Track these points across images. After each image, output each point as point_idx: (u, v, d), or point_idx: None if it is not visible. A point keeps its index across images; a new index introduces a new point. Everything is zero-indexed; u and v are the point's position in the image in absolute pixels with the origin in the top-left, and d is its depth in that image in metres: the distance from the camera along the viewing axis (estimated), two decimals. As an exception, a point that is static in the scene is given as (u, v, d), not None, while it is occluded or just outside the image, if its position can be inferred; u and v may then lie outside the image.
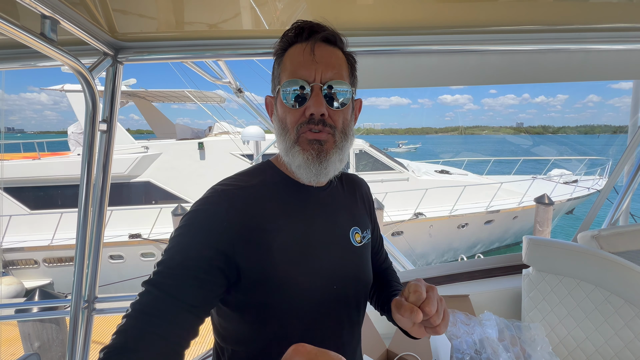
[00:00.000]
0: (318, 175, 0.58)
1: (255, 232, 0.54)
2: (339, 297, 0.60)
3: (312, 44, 0.57)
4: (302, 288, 0.56)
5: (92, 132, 1.15)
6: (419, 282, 0.53)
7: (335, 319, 0.61)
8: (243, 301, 0.55)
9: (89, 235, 1.27)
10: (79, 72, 1.00)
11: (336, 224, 0.64)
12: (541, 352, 1.22)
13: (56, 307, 1.78)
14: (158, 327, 0.45)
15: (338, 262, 0.61)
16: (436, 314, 0.51)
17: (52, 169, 6.69)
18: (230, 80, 1.68)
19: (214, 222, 0.52)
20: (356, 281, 0.64)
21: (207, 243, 0.51)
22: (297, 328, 0.57)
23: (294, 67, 0.57)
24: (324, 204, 0.64)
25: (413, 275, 1.67)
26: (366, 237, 0.69)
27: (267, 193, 0.59)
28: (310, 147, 0.56)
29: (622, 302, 1.19)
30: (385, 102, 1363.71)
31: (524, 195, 7.79)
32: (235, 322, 0.57)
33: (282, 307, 0.55)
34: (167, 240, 4.99)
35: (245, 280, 0.53)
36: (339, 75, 0.58)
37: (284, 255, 0.55)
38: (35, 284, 6.08)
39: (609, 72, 1.37)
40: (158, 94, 8.83)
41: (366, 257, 0.69)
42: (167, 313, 0.46)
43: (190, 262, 0.49)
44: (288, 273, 0.55)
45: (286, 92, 0.57)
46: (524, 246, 1.41)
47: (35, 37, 0.81)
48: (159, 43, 1.17)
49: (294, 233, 0.58)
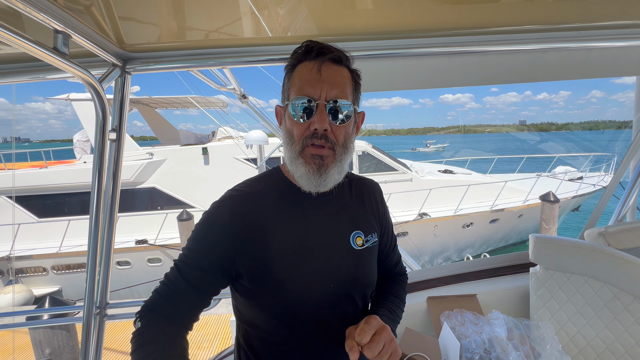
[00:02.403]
0: (317, 187, 0.64)
1: (255, 234, 0.62)
2: (335, 296, 0.64)
3: (319, 63, 0.62)
4: (297, 286, 0.61)
5: (102, 141, 1.17)
6: (368, 324, 0.57)
7: (331, 317, 0.65)
8: (247, 292, 0.63)
9: (100, 242, 1.29)
10: (89, 84, 1.03)
11: (336, 228, 0.68)
12: (551, 350, 1.22)
13: (67, 314, 1.80)
14: (173, 297, 0.62)
15: (336, 263, 0.65)
16: (377, 357, 0.56)
17: (59, 177, 6.78)
18: (235, 87, 1.70)
19: (218, 226, 0.62)
20: (354, 282, 0.68)
21: (211, 244, 0.62)
22: (294, 322, 0.62)
23: (302, 84, 0.62)
24: (325, 208, 0.69)
25: (420, 275, 1.67)
26: (370, 240, 0.72)
27: (270, 198, 0.66)
28: (312, 161, 0.62)
29: (631, 298, 1.18)
30: (386, 103, 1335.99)
31: (529, 193, 7.73)
32: (245, 307, 0.66)
33: (278, 303, 0.62)
34: (173, 245, 5.07)
35: (245, 276, 0.61)
36: (343, 93, 0.63)
37: (281, 256, 0.61)
38: (44, 291, 6.14)
39: (610, 69, 1.37)
40: (161, 100, 8.92)
41: (368, 259, 0.71)
42: (181, 290, 0.62)
43: (195, 258, 0.62)
44: (283, 272, 0.61)
45: (294, 106, 0.62)
46: (530, 244, 1.41)
47: (49, 52, 0.83)
48: (165, 53, 1.20)
49: (292, 235, 0.63)
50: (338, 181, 0.67)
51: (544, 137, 77.47)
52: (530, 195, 7.70)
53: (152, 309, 0.62)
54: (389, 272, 0.86)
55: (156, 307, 0.62)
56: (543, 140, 55.68)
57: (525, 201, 7.70)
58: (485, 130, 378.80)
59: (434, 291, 1.59)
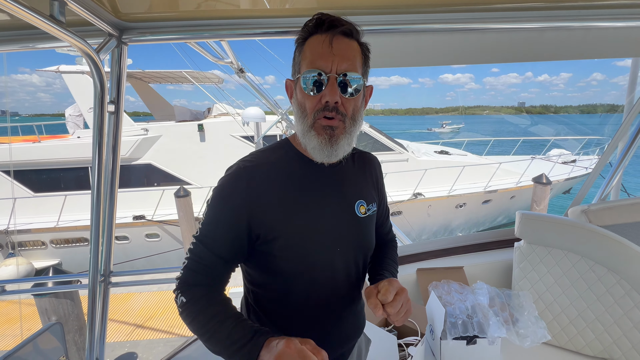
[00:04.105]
0: (329, 157, 0.67)
1: (269, 201, 0.65)
2: (341, 259, 0.70)
3: (330, 36, 0.63)
4: (307, 250, 0.66)
5: (102, 113, 1.18)
6: (391, 284, 0.64)
7: (338, 278, 0.71)
8: (262, 255, 0.67)
9: (102, 213, 1.33)
10: (86, 54, 1.02)
11: (343, 197, 0.73)
12: (528, 316, 1.31)
13: (71, 282, 1.88)
14: (205, 271, 0.66)
15: (343, 229, 0.70)
16: (396, 313, 0.62)
17: (54, 152, 6.71)
18: (232, 60, 1.69)
19: (236, 195, 0.65)
20: (358, 247, 0.73)
21: (230, 215, 0.65)
22: (303, 281, 0.68)
23: (313, 57, 0.64)
24: (333, 179, 0.73)
25: (411, 249, 1.75)
26: (371, 209, 0.77)
27: (281, 168, 0.69)
28: (324, 132, 0.65)
29: (605, 270, 1.27)
30: (385, 81, 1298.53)
31: (522, 175, 7.85)
32: (258, 271, 0.71)
33: (290, 264, 0.66)
34: (171, 221, 5.11)
35: (261, 240, 0.65)
36: (353, 66, 0.64)
37: (293, 221, 0.66)
38: (45, 264, 6.26)
39: (608, 50, 1.38)
40: (155, 74, 8.67)
41: (369, 227, 0.76)
42: (211, 263, 0.66)
43: (216, 231, 0.66)
44: (295, 236, 0.65)
45: (306, 79, 0.64)
46: (516, 220, 1.49)
47: (45, 19, 0.82)
48: (161, 23, 1.18)
49: (303, 202, 0.67)
50: (347, 152, 0.70)
51: (539, 119, 77.23)
52: (524, 177, 7.83)
53: (190, 283, 0.66)
54: (384, 238, 0.92)
55: (193, 281, 0.66)
56: (538, 123, 55.52)
57: (518, 183, 7.84)
58: (484, 112, 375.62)
59: (423, 264, 1.68)
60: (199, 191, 6.58)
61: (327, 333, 0.72)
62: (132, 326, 4.19)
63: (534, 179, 7.36)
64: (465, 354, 1.28)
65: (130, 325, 4.22)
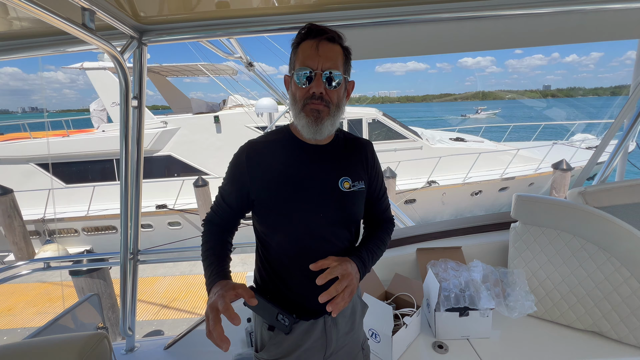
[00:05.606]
0: (315, 134, 0.83)
1: (265, 170, 0.84)
2: (323, 223, 0.85)
3: (317, 42, 0.80)
4: (294, 210, 0.83)
5: (127, 108, 1.32)
6: (340, 265, 0.79)
7: (318, 238, 0.86)
8: (260, 213, 0.87)
9: (130, 200, 1.50)
10: (113, 56, 1.16)
11: (327, 172, 0.88)
12: (519, 291, 1.39)
13: (104, 259, 2.11)
14: (220, 214, 0.92)
15: (326, 198, 0.85)
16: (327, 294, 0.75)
17: (82, 146, 7.15)
18: (241, 55, 1.80)
19: (238, 166, 0.86)
20: (339, 216, 0.87)
21: (236, 178, 0.87)
22: (294, 236, 0.84)
23: (304, 58, 0.81)
24: (321, 157, 0.89)
25: (412, 231, 1.84)
26: (357, 186, 0.90)
27: (279, 146, 0.88)
28: (311, 114, 0.81)
29: (596, 248, 1.32)
30: (401, 67, 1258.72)
31: (542, 162, 7.62)
32: (257, 227, 0.91)
33: (282, 222, 0.84)
34: (191, 210, 5.39)
35: (258, 200, 0.85)
36: (335, 65, 0.81)
37: (283, 186, 0.83)
38: (78, 249, 6.77)
39: (607, 33, 1.39)
40: (172, 68, 8.93)
41: (353, 200, 0.89)
42: (224, 210, 0.91)
43: (228, 188, 0.90)
44: (284, 198, 0.83)
45: (298, 75, 0.81)
46: (512, 203, 1.54)
47: (78, 27, 0.96)
48: (177, 25, 1.30)
49: (293, 173, 0.85)
50: (331, 132, 0.86)
51: (562, 103, 72.42)
52: (544, 164, 7.60)
53: (210, 220, 0.93)
54: (378, 216, 1.03)
55: (212, 219, 0.93)
56: (560, 108, 52.12)
57: (537, 169, 7.62)
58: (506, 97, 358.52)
59: (423, 244, 1.77)
60: (216, 181, 6.85)
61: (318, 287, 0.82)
62: (158, 306, 4.53)
63: (554, 165, 7.14)
64: (459, 325, 1.38)
65: (156, 305, 4.56)
